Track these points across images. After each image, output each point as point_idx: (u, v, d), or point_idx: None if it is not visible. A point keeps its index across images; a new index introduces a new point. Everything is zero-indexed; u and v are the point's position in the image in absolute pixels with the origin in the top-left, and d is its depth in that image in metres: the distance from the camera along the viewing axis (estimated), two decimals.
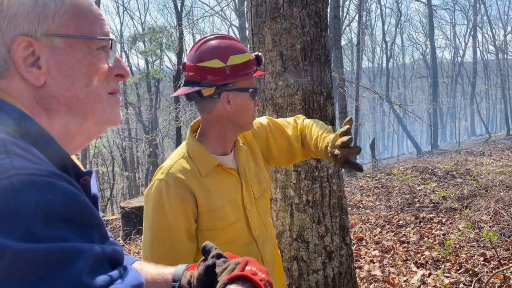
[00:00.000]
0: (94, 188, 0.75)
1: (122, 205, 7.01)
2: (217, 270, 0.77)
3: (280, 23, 2.22)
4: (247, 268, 0.74)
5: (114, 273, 0.57)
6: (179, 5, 15.12)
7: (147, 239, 1.28)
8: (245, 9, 2.53)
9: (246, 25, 2.49)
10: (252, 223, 1.39)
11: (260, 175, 1.49)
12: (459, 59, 36.15)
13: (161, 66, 24.22)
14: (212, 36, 1.32)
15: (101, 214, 0.69)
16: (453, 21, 38.64)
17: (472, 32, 32.02)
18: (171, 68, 23.03)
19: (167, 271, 0.89)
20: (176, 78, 14.03)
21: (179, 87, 1.38)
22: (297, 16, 2.22)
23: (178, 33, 15.14)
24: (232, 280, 0.71)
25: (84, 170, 0.70)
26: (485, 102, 38.45)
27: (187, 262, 0.92)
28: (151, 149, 19.51)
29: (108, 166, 20.68)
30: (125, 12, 36.84)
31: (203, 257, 0.84)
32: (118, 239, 6.52)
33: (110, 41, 0.74)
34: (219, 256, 0.81)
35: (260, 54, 1.34)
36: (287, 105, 2.26)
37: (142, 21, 33.16)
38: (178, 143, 12.35)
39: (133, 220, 6.55)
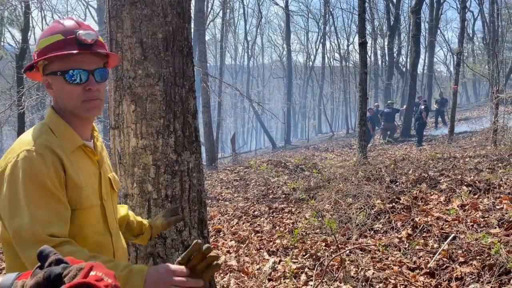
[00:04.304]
0: None
1: None
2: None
3: (141, 9, 2.11)
4: (92, 273, 0.67)
5: None
6: None
7: (25, 215, 1.12)
8: None
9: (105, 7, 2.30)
10: (108, 214, 1.38)
11: (114, 174, 1.51)
12: (311, 63, 39.75)
13: (1, 43, 21.20)
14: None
15: None
16: (307, 28, 42.43)
17: (322, 40, 35.42)
18: (14, 46, 20.23)
19: None
20: (19, 58, 12.31)
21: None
22: (159, 3, 2.13)
23: (23, 7, 13.31)
24: None
25: None
26: (330, 104, 42.94)
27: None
28: None
29: None
30: None
31: (38, 264, 0.74)
32: None
33: None
34: (58, 261, 0.72)
35: (80, 32, 1.24)
36: (147, 96, 2.16)
37: None
38: (20, 131, 10.88)
39: None
